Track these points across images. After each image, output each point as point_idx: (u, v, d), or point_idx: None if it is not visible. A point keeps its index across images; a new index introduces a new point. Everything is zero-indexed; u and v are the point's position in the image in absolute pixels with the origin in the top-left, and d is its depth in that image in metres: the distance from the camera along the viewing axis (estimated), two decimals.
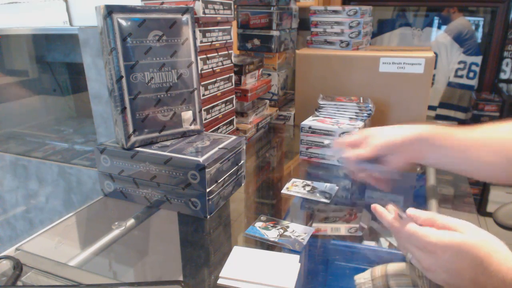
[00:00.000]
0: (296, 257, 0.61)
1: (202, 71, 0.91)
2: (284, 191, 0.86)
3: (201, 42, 0.90)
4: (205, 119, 0.95)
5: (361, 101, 1.05)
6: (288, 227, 0.71)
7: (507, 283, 0.40)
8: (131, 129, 0.75)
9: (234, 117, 1.11)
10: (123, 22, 0.71)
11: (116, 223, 0.72)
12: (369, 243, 0.71)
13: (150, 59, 0.74)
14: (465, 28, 2.35)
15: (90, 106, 1.04)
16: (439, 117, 2.43)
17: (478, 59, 2.35)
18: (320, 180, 0.90)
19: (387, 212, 0.54)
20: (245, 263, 0.60)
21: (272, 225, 0.72)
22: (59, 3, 1.01)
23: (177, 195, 0.74)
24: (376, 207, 0.55)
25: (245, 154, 0.84)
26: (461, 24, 2.36)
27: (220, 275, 0.58)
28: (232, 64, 1.05)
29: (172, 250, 0.70)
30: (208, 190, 0.71)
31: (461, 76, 2.39)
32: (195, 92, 0.82)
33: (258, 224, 0.72)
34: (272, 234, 0.69)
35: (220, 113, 1.02)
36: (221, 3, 0.95)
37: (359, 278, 0.59)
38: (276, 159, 1.13)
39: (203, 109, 0.92)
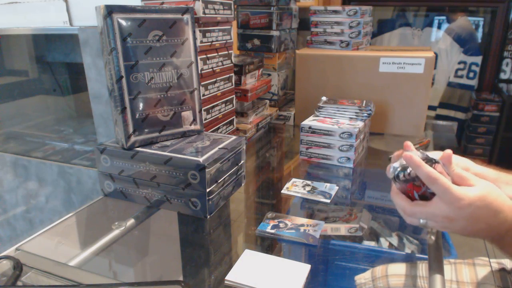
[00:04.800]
0: (307, 266, 0.58)
1: (202, 71, 0.91)
2: (284, 191, 0.86)
3: (201, 42, 0.90)
4: (205, 119, 0.95)
5: (363, 105, 1.05)
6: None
7: (509, 219, 0.49)
8: (131, 129, 0.75)
9: (234, 117, 1.11)
10: (123, 22, 0.71)
11: (116, 223, 0.72)
12: (369, 243, 0.71)
13: (150, 59, 0.74)
14: (466, 29, 2.35)
15: (90, 106, 1.04)
16: (439, 117, 2.42)
17: (478, 59, 2.35)
18: (320, 180, 0.90)
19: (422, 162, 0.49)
20: (254, 267, 0.59)
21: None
22: (59, 3, 1.01)
23: (177, 195, 0.73)
24: (412, 157, 0.50)
25: (245, 154, 0.84)
26: (462, 25, 2.36)
27: (226, 278, 0.57)
28: (232, 64, 1.05)
29: (172, 250, 0.70)
30: (208, 190, 0.71)
31: (461, 76, 2.39)
32: (195, 92, 0.82)
33: (268, 221, 0.72)
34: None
35: (220, 113, 1.02)
36: (221, 3, 0.94)
37: (360, 278, 0.59)
38: (276, 159, 1.13)
39: (203, 109, 0.92)
